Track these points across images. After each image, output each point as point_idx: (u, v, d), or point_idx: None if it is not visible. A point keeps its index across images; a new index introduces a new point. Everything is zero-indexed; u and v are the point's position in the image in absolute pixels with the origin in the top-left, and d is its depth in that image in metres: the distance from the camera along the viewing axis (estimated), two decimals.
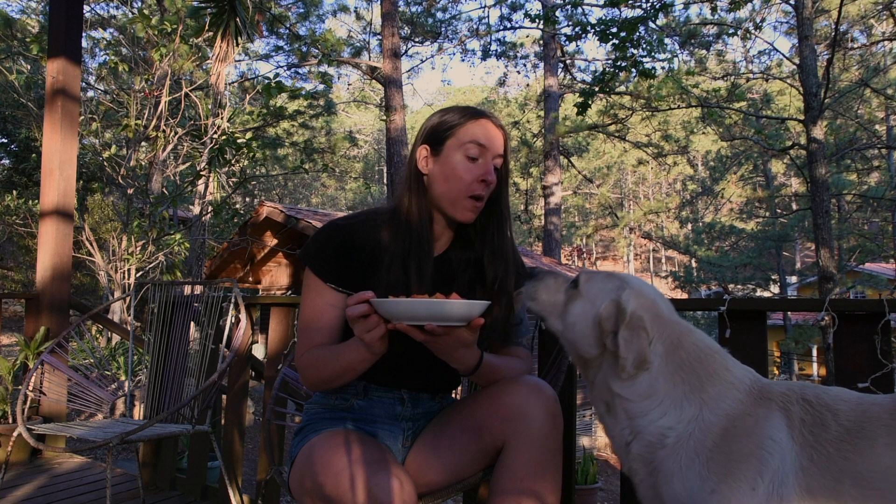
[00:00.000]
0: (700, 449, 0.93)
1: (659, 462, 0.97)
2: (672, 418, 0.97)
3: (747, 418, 0.92)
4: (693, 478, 0.91)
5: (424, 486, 1.25)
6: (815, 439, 0.87)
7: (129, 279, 5.86)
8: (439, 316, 1.00)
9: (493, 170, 1.26)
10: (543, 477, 1.15)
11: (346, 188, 32.90)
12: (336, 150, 15.09)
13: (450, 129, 1.27)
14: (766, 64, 18.93)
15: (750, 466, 0.87)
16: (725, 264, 18.39)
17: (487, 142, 1.25)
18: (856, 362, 1.44)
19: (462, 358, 1.14)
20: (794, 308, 1.71)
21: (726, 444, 0.91)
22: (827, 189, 9.24)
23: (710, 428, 0.93)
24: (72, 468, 2.83)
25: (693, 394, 0.97)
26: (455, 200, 1.25)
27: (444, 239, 1.36)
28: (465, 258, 1.34)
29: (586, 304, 1.07)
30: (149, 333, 2.47)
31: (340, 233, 1.30)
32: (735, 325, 1.56)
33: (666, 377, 0.99)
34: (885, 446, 0.83)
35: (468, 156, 1.25)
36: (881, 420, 0.85)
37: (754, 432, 0.90)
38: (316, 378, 1.22)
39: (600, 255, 43.17)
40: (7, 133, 11.22)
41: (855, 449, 0.84)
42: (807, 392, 0.93)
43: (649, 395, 0.99)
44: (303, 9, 15.02)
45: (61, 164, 3.13)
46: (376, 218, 1.33)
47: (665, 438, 0.96)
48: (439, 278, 1.29)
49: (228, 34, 3.90)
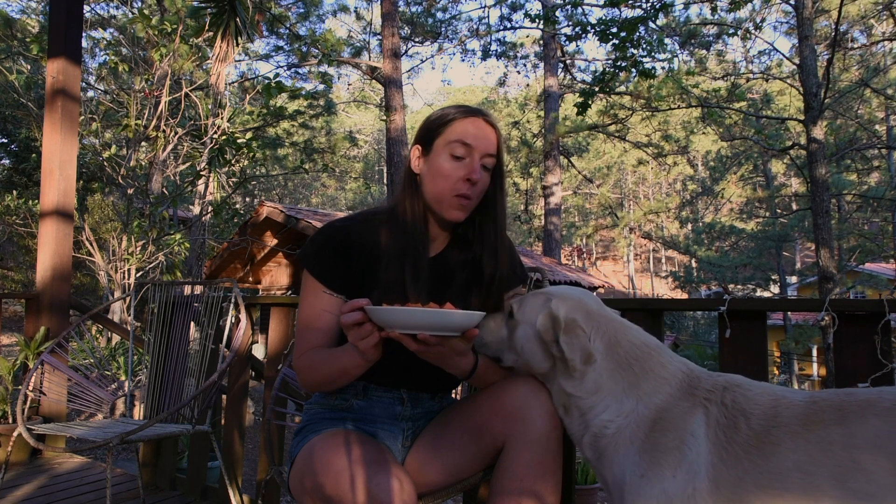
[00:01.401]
0: (634, 438, 1.05)
1: (602, 449, 1.09)
2: (612, 412, 1.09)
3: (675, 412, 1.04)
4: (628, 463, 1.04)
5: (424, 486, 1.26)
6: (727, 440, 0.98)
7: (129, 279, 5.86)
8: (434, 325, 0.99)
9: (482, 169, 1.25)
10: (544, 477, 1.15)
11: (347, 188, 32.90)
12: (336, 150, 15.08)
13: (438, 128, 1.27)
14: (766, 64, 18.94)
15: (672, 457, 0.99)
16: (725, 264, 18.40)
17: (474, 140, 1.24)
18: (856, 362, 1.44)
19: (456, 365, 1.15)
20: (794, 308, 1.71)
21: (655, 436, 1.03)
22: (827, 189, 9.24)
23: (643, 420, 1.05)
24: (72, 468, 2.83)
25: (630, 389, 1.09)
26: (442, 199, 1.25)
27: (440, 239, 1.36)
28: (462, 259, 1.33)
29: (526, 327, 1.16)
30: (149, 333, 2.47)
31: (339, 234, 1.30)
32: (735, 325, 1.56)
33: (608, 374, 1.10)
34: (787, 451, 0.92)
35: (454, 155, 1.24)
36: (788, 427, 0.94)
37: (679, 427, 1.02)
38: (312, 380, 1.23)
39: (600, 254, 43.16)
40: (7, 133, 11.22)
41: (759, 452, 0.94)
42: (727, 394, 1.03)
43: (595, 392, 1.10)
44: (303, 9, 15.02)
45: (61, 164, 3.13)
46: (374, 218, 1.32)
47: (606, 429, 1.09)
48: (436, 279, 1.29)
49: (228, 34, 3.89)
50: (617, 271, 41.48)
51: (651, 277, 39.14)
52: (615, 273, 40.89)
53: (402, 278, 1.23)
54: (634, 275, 38.46)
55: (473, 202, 1.27)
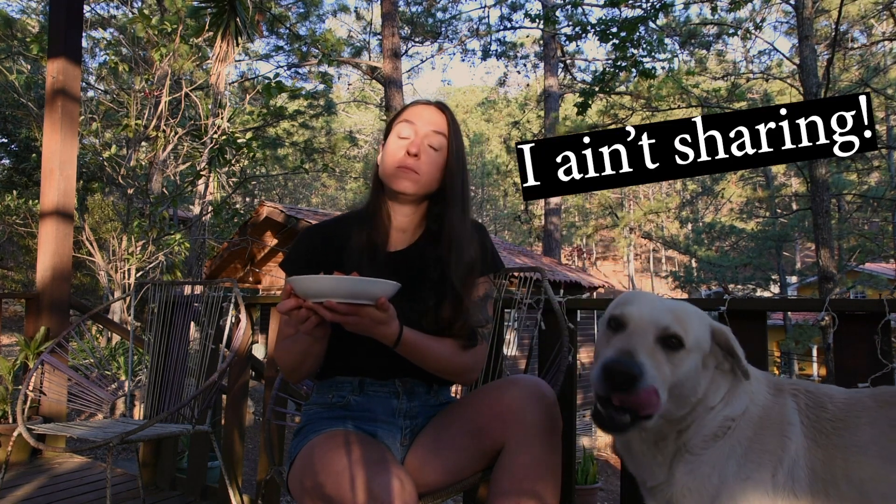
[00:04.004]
0: (742, 438, 1.03)
1: (692, 448, 1.04)
2: (733, 408, 1.05)
3: (774, 408, 1.06)
4: (730, 464, 1.02)
5: (424, 487, 1.25)
6: (817, 418, 1.02)
7: (130, 279, 5.86)
8: (343, 293, 1.03)
9: (430, 148, 1.32)
10: (543, 477, 1.15)
11: (346, 188, 32.90)
12: (336, 149, 15.10)
13: (392, 120, 1.39)
14: (766, 64, 18.96)
15: (775, 457, 1.01)
16: (725, 264, 18.41)
17: (416, 118, 1.33)
18: (856, 362, 1.44)
19: (381, 334, 1.15)
20: (795, 308, 1.71)
21: (760, 434, 1.03)
22: (827, 189, 9.24)
23: (751, 419, 1.05)
24: (72, 468, 2.83)
25: (739, 388, 1.07)
26: (389, 175, 1.33)
27: (410, 231, 1.39)
28: (435, 255, 1.35)
29: (694, 353, 1.01)
30: (149, 333, 2.47)
31: (313, 234, 1.39)
32: (735, 325, 1.56)
33: (721, 375, 1.08)
34: (865, 425, 0.99)
35: (399, 136, 1.33)
36: (864, 403, 1.02)
37: (779, 421, 1.04)
38: (285, 365, 1.28)
39: (600, 254, 43.17)
40: (7, 133, 11.22)
41: (844, 426, 1.00)
42: (806, 384, 1.10)
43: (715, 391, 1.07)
44: (303, 9, 15.02)
45: (61, 163, 3.12)
46: (350, 216, 1.41)
47: (725, 429, 1.04)
48: (405, 271, 1.30)
49: (228, 34, 3.90)
50: (617, 271, 41.48)
51: (651, 277, 39.15)
52: (615, 273, 40.88)
53: (361, 269, 1.25)
54: (634, 275, 38.47)
55: (423, 178, 1.31)
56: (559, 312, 1.69)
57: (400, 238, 1.38)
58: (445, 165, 1.34)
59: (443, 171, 1.34)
